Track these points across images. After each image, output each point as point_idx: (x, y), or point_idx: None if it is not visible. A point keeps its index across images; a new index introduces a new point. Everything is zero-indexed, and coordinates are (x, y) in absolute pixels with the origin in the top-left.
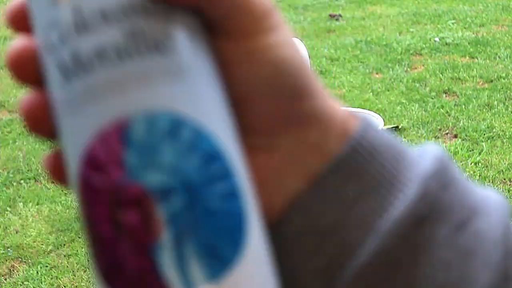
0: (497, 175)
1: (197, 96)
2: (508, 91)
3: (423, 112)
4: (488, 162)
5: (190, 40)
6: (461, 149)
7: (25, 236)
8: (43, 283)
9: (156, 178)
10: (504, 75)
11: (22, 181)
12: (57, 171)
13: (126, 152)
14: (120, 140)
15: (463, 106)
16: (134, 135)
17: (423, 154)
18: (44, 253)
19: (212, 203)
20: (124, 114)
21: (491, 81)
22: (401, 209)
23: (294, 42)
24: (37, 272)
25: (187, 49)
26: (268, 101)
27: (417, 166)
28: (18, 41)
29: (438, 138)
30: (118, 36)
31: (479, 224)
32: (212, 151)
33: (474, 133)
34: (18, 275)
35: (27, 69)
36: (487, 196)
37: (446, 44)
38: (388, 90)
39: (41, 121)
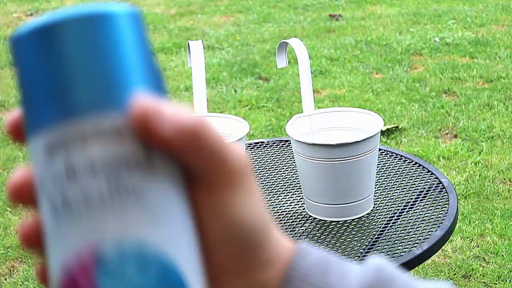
0: (497, 175)
1: (164, 230)
2: (508, 91)
3: (423, 112)
4: (488, 162)
5: (167, 187)
6: (461, 149)
7: None
8: None
9: None
10: (504, 75)
11: None
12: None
13: (97, 272)
14: (93, 261)
15: (463, 106)
16: (105, 257)
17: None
18: None
19: None
20: (98, 240)
21: (491, 81)
22: None
23: (260, 200)
24: None
25: (162, 195)
26: (227, 249)
27: None
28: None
29: (438, 138)
30: (103, 186)
31: None
32: (168, 270)
33: (474, 133)
34: (18, 275)
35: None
36: None
37: (446, 44)
38: (388, 90)
39: (34, 239)
